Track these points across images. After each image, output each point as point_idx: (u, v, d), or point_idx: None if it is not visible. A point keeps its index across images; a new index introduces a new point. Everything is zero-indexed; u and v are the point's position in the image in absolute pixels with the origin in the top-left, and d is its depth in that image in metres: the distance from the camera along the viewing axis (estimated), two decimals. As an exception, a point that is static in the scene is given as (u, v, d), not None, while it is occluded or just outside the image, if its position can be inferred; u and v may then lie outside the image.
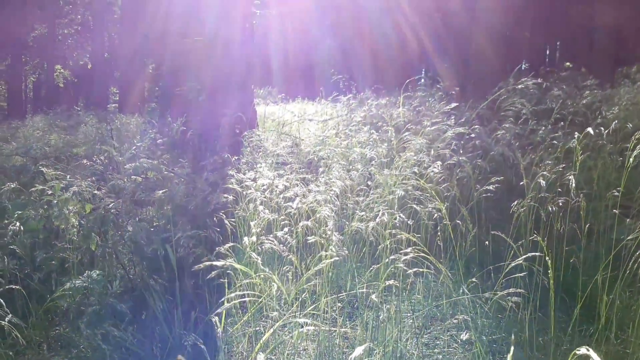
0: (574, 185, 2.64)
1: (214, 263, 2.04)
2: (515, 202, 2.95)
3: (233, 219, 3.58)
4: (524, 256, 2.19)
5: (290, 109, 15.75)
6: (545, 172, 2.96)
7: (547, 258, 2.21)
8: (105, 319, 2.91)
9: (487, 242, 3.03)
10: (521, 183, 3.23)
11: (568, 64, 32.04)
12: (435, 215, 2.76)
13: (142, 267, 3.72)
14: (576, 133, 3.03)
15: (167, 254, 3.40)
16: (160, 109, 9.55)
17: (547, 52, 44.35)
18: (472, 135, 4.61)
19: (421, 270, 2.45)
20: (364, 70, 33.97)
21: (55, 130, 14.18)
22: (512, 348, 1.54)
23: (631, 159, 2.87)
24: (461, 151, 4.15)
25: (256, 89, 24.83)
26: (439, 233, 2.92)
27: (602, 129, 3.66)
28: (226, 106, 7.85)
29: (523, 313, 2.84)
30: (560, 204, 2.81)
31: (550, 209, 2.85)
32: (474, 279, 2.60)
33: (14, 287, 2.71)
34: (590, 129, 3.06)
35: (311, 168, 4.80)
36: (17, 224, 3.16)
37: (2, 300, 2.40)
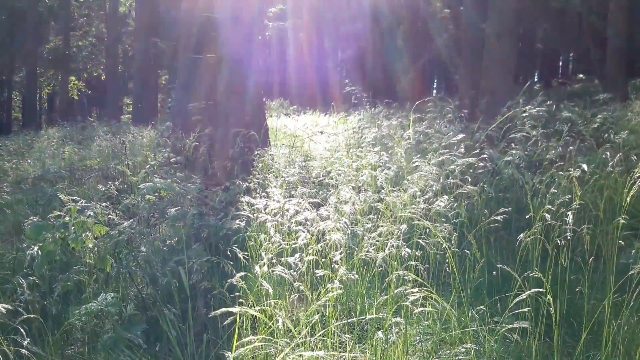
0: (571, 221, 2.67)
1: (231, 309, 2.11)
2: (522, 235, 2.98)
3: (245, 252, 3.64)
4: (528, 292, 2.23)
5: (302, 121, 15.84)
6: (551, 207, 2.99)
7: (549, 297, 2.25)
8: (120, 343, 2.98)
9: (494, 273, 3.06)
10: (527, 216, 3.25)
11: (581, 75, 31.84)
12: (444, 245, 2.80)
13: (154, 289, 3.78)
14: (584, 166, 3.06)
15: (180, 276, 3.47)
16: (172, 124, 9.65)
17: (560, 64, 44.27)
18: (483, 155, 4.65)
19: (429, 309, 2.48)
20: (376, 82, 34.06)
21: (70, 143, 14.34)
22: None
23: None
24: (470, 170, 4.19)
25: (268, 101, 24.98)
26: (447, 260, 2.97)
27: (609, 154, 3.69)
28: (237, 123, 7.92)
29: (530, 339, 2.86)
30: (568, 236, 2.84)
31: (558, 241, 2.88)
32: (482, 307, 2.63)
33: (32, 316, 2.77)
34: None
35: (321, 187, 4.86)
36: (35, 248, 3.24)
37: (22, 330, 2.45)
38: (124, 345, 3.11)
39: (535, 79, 45.23)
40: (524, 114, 5.03)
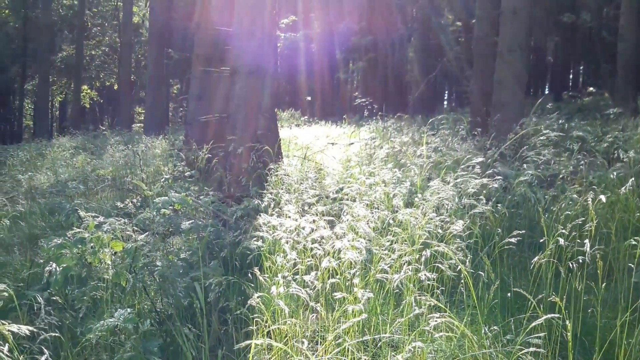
0: (588, 249, 2.69)
1: (255, 342, 2.15)
2: (536, 258, 2.99)
3: (261, 269, 3.66)
4: (545, 317, 2.24)
5: (313, 132, 15.91)
6: (564, 230, 3.00)
7: (567, 323, 2.26)
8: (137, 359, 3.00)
9: (509, 294, 3.08)
10: (542, 240, 3.26)
11: (591, 89, 31.81)
12: (459, 267, 2.81)
13: (170, 304, 3.82)
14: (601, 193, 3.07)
15: (195, 291, 3.50)
16: (185, 135, 9.73)
17: (571, 77, 44.20)
18: (496, 173, 4.67)
19: (446, 333, 2.49)
20: (387, 93, 34.14)
21: (82, 152, 14.46)
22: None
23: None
24: (484, 191, 4.21)
25: (279, 112, 25.09)
26: (461, 282, 2.98)
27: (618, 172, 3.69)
28: (251, 135, 7.97)
29: (544, 360, 2.87)
30: (580, 260, 2.85)
31: (570, 265, 2.89)
32: (495, 327, 2.64)
33: (53, 334, 2.80)
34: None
35: (334, 203, 4.88)
36: (54, 265, 3.28)
37: (45, 349, 2.48)
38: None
39: (546, 92, 45.21)
40: (540, 137, 5.05)
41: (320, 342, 2.80)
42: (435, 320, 2.22)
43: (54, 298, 3.54)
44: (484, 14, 15.99)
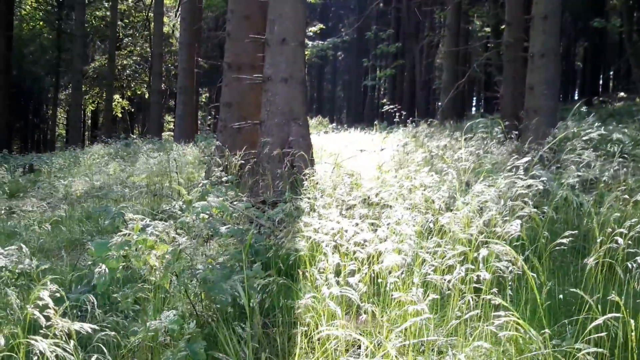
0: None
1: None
2: (592, 259, 2.94)
3: (305, 275, 3.67)
4: (603, 318, 2.20)
5: (342, 139, 15.92)
6: (622, 230, 2.95)
7: (631, 320, 2.22)
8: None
9: (561, 296, 3.03)
10: (598, 241, 3.21)
11: (622, 94, 31.16)
12: (510, 268, 2.79)
13: (209, 307, 3.85)
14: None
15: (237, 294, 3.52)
16: (217, 142, 9.82)
17: (601, 82, 43.60)
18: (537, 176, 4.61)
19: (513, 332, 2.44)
20: (415, 100, 34.04)
21: (116, 159, 14.68)
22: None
23: None
24: (530, 193, 4.15)
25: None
26: (509, 284, 2.94)
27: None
28: (283, 141, 8.03)
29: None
30: (638, 261, 2.80)
31: (629, 265, 2.84)
32: (546, 330, 2.60)
33: (110, 333, 2.85)
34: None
35: (372, 207, 4.88)
36: (103, 266, 3.34)
37: (103, 347, 2.52)
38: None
39: (575, 97, 44.66)
40: (583, 137, 4.98)
41: (373, 345, 2.78)
42: (499, 319, 2.20)
43: (99, 299, 3.60)
44: (513, 19, 15.89)
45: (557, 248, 3.32)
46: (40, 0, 36.80)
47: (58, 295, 2.81)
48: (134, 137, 23.08)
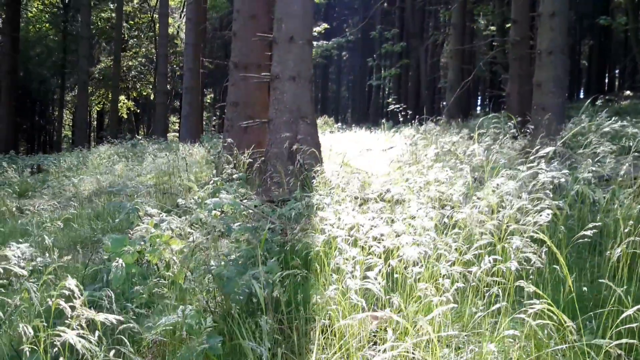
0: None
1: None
2: (619, 250, 2.91)
3: (322, 270, 3.65)
4: (634, 309, 2.17)
5: (348, 138, 15.90)
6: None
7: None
8: (201, 356, 3.02)
9: (585, 289, 3.00)
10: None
11: (628, 92, 31.04)
12: (533, 261, 2.76)
13: (222, 303, 3.83)
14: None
15: (252, 290, 3.50)
16: (224, 141, 9.81)
17: (607, 80, 43.45)
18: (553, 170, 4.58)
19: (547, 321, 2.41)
20: (420, 99, 33.98)
21: (123, 159, 14.70)
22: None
23: None
24: (550, 188, 4.11)
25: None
26: (530, 277, 2.92)
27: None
28: (291, 139, 8.02)
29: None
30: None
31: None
32: (571, 325, 2.57)
33: (134, 326, 2.83)
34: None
35: (386, 202, 4.85)
36: (120, 260, 3.32)
37: (124, 339, 2.51)
38: (202, 357, 3.15)
39: (581, 96, 44.52)
40: (604, 129, 4.94)
41: (400, 333, 2.76)
42: (533, 308, 2.18)
43: (113, 295, 3.58)
44: (519, 17, 15.86)
45: (575, 243, 3.29)
46: (46, 2, 36.94)
47: (77, 289, 2.79)
48: (140, 137, 23.12)
